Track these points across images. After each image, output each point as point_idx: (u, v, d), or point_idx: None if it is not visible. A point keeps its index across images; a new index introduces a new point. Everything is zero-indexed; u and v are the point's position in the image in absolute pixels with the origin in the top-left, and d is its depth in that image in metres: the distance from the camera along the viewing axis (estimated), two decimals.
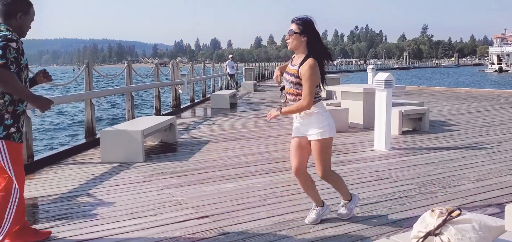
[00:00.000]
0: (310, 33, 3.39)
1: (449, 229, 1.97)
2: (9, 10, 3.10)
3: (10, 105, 3.06)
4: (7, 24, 3.10)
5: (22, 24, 3.17)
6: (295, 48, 3.44)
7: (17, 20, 3.13)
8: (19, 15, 3.13)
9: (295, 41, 3.40)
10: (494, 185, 4.77)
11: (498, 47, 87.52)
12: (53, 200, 4.51)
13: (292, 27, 3.40)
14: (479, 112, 11.24)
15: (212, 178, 5.25)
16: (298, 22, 3.39)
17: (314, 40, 3.41)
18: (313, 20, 3.42)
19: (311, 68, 3.33)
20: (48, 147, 11.75)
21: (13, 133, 3.09)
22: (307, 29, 3.37)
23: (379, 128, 6.82)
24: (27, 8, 3.18)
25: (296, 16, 3.44)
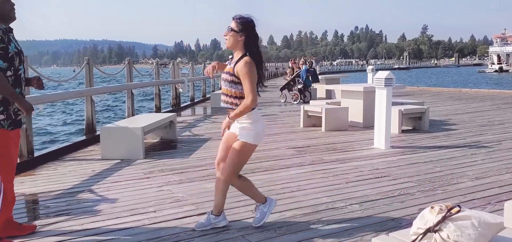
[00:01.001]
0: (248, 33, 3.29)
1: (449, 225, 1.98)
2: None
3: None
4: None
5: (1, 14, 3.05)
6: (232, 46, 3.34)
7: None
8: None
9: (232, 38, 3.30)
10: (493, 183, 4.78)
11: (498, 47, 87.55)
12: (54, 196, 4.52)
13: (231, 25, 3.31)
14: (479, 112, 11.25)
15: (212, 175, 5.25)
16: (238, 20, 3.29)
17: (252, 41, 3.30)
18: (254, 20, 3.33)
19: (248, 64, 3.24)
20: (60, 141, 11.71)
21: (2, 120, 3.04)
22: (245, 29, 3.28)
23: (379, 127, 6.83)
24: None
25: (238, 14, 3.34)
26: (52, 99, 7.81)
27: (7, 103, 3.06)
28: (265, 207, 3.60)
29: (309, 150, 6.74)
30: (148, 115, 8.33)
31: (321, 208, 4.01)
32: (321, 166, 5.64)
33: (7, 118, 3.07)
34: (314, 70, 15.64)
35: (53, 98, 7.71)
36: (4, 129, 3.05)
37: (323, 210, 3.97)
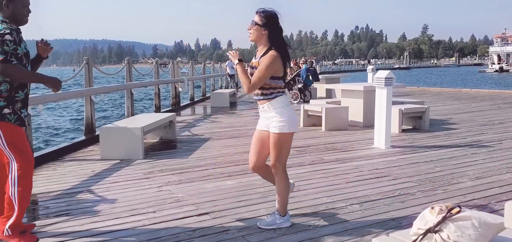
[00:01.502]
0: (272, 27, 3.32)
1: (449, 226, 1.97)
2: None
3: (6, 91, 3.11)
4: (2, 15, 3.10)
5: (14, 12, 3.12)
6: (256, 40, 3.38)
7: (6, 9, 3.10)
8: (5, 3, 3.09)
9: (256, 32, 3.34)
10: (494, 183, 4.77)
11: (499, 47, 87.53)
12: (53, 196, 4.51)
13: (255, 18, 3.33)
14: (479, 112, 11.25)
15: (212, 175, 5.26)
16: (262, 14, 3.31)
17: (276, 34, 3.34)
18: (278, 14, 3.36)
19: (272, 57, 3.29)
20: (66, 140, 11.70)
21: (7, 113, 3.11)
22: (269, 22, 3.31)
23: (379, 126, 6.82)
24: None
25: (261, 8, 3.35)
26: (52, 100, 7.80)
27: (12, 100, 3.14)
28: (280, 219, 3.53)
29: (309, 149, 6.73)
30: (148, 115, 8.32)
31: (321, 208, 4.01)
32: (321, 166, 5.63)
33: (13, 113, 3.14)
34: (314, 70, 15.64)
35: (53, 98, 7.71)
36: (11, 123, 3.13)
37: (323, 210, 3.96)
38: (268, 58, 3.30)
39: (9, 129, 3.12)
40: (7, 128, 3.12)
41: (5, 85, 3.10)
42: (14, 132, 3.15)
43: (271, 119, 3.42)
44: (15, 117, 3.15)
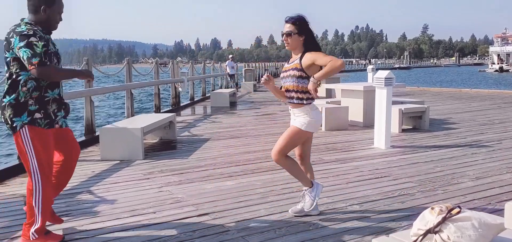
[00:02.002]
0: (307, 32, 3.52)
1: (449, 226, 1.97)
2: (34, 4, 3.12)
3: (35, 91, 3.10)
4: (35, 19, 3.13)
5: (49, 17, 3.16)
6: (293, 47, 3.56)
7: (42, 14, 3.13)
8: (43, 8, 3.13)
9: (295, 41, 3.51)
10: (494, 183, 4.77)
11: (499, 47, 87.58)
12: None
13: (291, 28, 3.49)
14: (479, 111, 11.25)
15: (212, 175, 5.25)
16: (295, 23, 3.48)
17: (311, 38, 3.53)
18: (306, 18, 3.54)
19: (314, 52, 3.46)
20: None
21: (38, 118, 3.11)
22: (303, 29, 3.51)
23: (379, 126, 6.82)
24: (51, 1, 3.15)
25: (289, 16, 3.53)
26: None
27: (43, 101, 3.14)
28: (312, 191, 3.74)
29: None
30: (148, 115, 8.32)
31: (321, 208, 4.00)
32: (321, 166, 5.63)
33: (44, 118, 3.14)
34: None
35: None
36: (41, 127, 3.13)
37: (323, 210, 3.95)
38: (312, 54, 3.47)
39: (38, 133, 3.12)
40: (37, 132, 3.11)
41: (31, 83, 3.07)
42: (42, 137, 3.14)
43: (296, 117, 3.65)
44: (46, 122, 3.16)
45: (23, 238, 3.27)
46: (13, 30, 3.03)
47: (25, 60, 2.97)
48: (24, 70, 3.04)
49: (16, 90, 3.06)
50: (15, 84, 3.06)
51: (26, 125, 3.07)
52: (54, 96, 3.20)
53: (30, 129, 3.08)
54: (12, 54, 3.03)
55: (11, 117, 3.08)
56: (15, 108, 3.06)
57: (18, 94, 3.06)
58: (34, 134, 3.09)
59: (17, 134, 3.09)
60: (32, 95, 3.09)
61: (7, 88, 3.09)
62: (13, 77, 3.07)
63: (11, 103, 3.07)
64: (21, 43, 2.96)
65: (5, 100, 3.09)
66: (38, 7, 3.11)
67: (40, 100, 3.12)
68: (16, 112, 3.07)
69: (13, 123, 3.08)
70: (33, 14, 3.13)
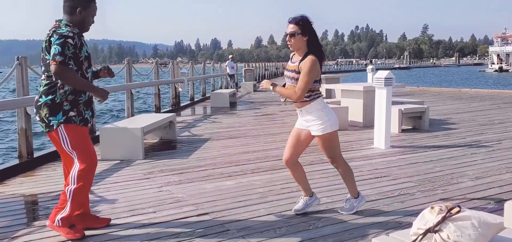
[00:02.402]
0: (310, 32, 3.52)
1: (449, 226, 1.97)
2: (71, 5, 3.26)
3: (70, 95, 3.26)
4: (70, 20, 3.26)
5: (84, 19, 3.30)
6: (297, 48, 3.56)
7: (78, 15, 3.26)
8: (79, 10, 3.26)
9: (298, 42, 3.52)
10: (493, 183, 4.77)
11: (498, 47, 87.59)
12: (53, 197, 4.51)
13: (294, 29, 3.49)
14: (479, 112, 11.25)
15: (212, 175, 5.26)
16: (299, 23, 3.49)
17: (314, 38, 3.54)
18: (310, 18, 3.55)
19: (313, 63, 3.46)
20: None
21: (73, 116, 3.28)
22: (307, 29, 3.51)
23: (379, 126, 6.82)
24: (87, 3, 3.29)
25: (292, 17, 3.54)
26: None
27: (76, 102, 3.29)
28: (356, 201, 3.84)
29: (309, 149, 6.70)
30: (148, 115, 8.32)
31: (321, 208, 4.01)
32: (321, 166, 5.63)
33: (78, 115, 3.31)
34: None
35: None
36: (76, 124, 3.30)
37: (323, 210, 3.96)
38: (308, 64, 3.45)
39: (74, 129, 3.28)
40: (73, 129, 3.27)
41: (68, 86, 3.23)
42: (78, 133, 3.31)
43: (310, 122, 3.61)
44: (80, 119, 3.32)
45: (49, 220, 3.47)
46: (54, 31, 3.17)
47: (51, 55, 3.07)
48: None
49: (54, 92, 3.22)
50: (53, 86, 3.21)
51: (62, 124, 3.24)
52: (86, 98, 3.37)
53: (66, 127, 3.25)
54: None
55: (47, 116, 3.23)
56: (51, 108, 3.22)
57: (55, 96, 3.22)
58: (70, 130, 3.27)
59: (55, 131, 3.25)
60: (68, 98, 3.26)
61: (45, 89, 3.23)
62: (52, 79, 3.20)
63: (47, 103, 3.22)
64: (58, 40, 3.09)
65: (41, 100, 3.24)
66: (74, 9, 3.25)
67: (74, 102, 3.29)
68: (51, 112, 3.22)
69: (49, 122, 3.24)
70: (68, 15, 3.27)
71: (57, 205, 3.46)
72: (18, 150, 6.00)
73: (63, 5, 3.29)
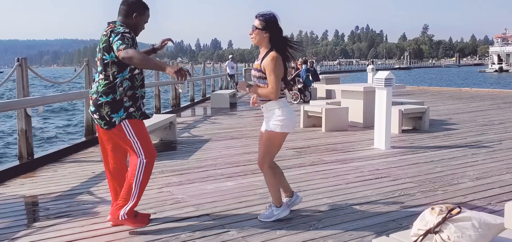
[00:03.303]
0: (272, 29, 3.47)
1: (449, 227, 1.98)
2: (128, 9, 3.45)
3: (129, 90, 3.42)
4: (125, 22, 3.44)
5: (137, 24, 3.48)
6: (258, 43, 3.56)
7: (133, 19, 3.45)
8: (135, 15, 3.45)
9: (258, 36, 3.51)
10: (494, 183, 4.77)
11: (499, 47, 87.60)
12: (54, 198, 4.51)
13: (255, 23, 3.49)
14: (479, 112, 11.24)
15: (212, 176, 5.26)
16: (261, 18, 3.48)
17: (277, 36, 3.50)
18: (276, 16, 3.52)
19: (274, 60, 3.44)
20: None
21: (133, 111, 3.45)
22: (269, 25, 3.46)
23: (379, 127, 6.82)
24: (143, 10, 3.50)
25: (259, 12, 3.52)
26: (52, 101, 7.81)
27: (135, 99, 3.46)
28: (277, 210, 3.69)
29: (309, 150, 6.73)
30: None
31: (321, 209, 4.01)
32: (321, 167, 5.63)
33: (137, 110, 3.47)
34: (314, 70, 15.62)
35: (53, 100, 7.71)
36: (137, 119, 3.47)
37: (323, 211, 3.96)
38: (270, 62, 3.44)
39: (137, 124, 3.46)
40: (135, 123, 3.45)
41: (126, 83, 3.39)
42: (140, 126, 3.49)
43: (268, 119, 3.59)
44: (139, 113, 3.49)
45: (111, 216, 3.56)
46: (111, 31, 3.33)
47: (115, 49, 3.22)
48: (121, 72, 3.36)
49: (114, 90, 3.36)
50: (113, 86, 3.36)
51: (125, 119, 3.40)
52: (141, 93, 3.54)
53: (130, 122, 3.43)
54: (111, 56, 3.32)
55: (109, 114, 3.38)
56: (112, 106, 3.37)
57: (115, 93, 3.37)
58: (133, 123, 3.43)
59: (118, 127, 3.40)
60: (127, 94, 3.41)
61: (104, 89, 3.37)
62: (110, 79, 3.36)
63: (108, 101, 3.37)
64: (117, 36, 3.26)
65: (102, 100, 3.38)
66: (130, 13, 3.45)
67: (133, 97, 3.45)
68: (113, 110, 3.38)
69: (111, 119, 3.39)
70: (124, 17, 3.45)
71: (117, 202, 3.56)
72: (18, 151, 6.01)
73: (120, 8, 3.47)
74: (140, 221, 3.54)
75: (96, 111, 3.40)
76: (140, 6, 3.49)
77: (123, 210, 3.47)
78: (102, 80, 3.38)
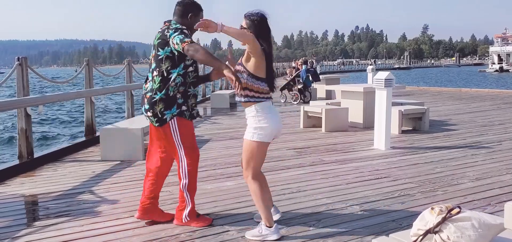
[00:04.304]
0: (258, 30, 3.27)
1: (449, 227, 1.98)
2: (184, 10, 3.54)
3: (181, 86, 3.48)
4: (180, 21, 3.51)
5: (192, 24, 3.49)
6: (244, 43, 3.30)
7: (188, 20, 3.52)
8: (190, 15, 3.53)
9: None
10: (493, 184, 4.77)
11: (499, 47, 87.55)
12: (54, 197, 4.51)
13: (242, 23, 3.33)
14: (479, 112, 11.24)
15: (212, 176, 5.26)
16: (248, 18, 3.31)
17: (262, 36, 3.27)
18: (264, 16, 3.32)
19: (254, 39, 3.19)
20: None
21: (185, 111, 3.52)
22: (255, 25, 3.27)
23: (379, 127, 6.82)
24: (197, 11, 3.59)
25: (248, 11, 3.35)
26: (52, 100, 7.81)
27: (187, 96, 3.53)
28: (266, 230, 3.33)
29: (309, 150, 6.73)
30: None
31: (321, 209, 4.01)
32: (321, 167, 5.64)
33: (188, 110, 3.55)
34: (314, 70, 15.63)
35: (53, 99, 7.72)
36: (186, 119, 3.54)
37: (323, 211, 3.96)
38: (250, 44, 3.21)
39: (184, 124, 3.53)
40: (183, 123, 3.52)
41: (179, 79, 3.45)
42: (188, 128, 3.56)
43: (248, 124, 3.36)
44: (189, 114, 3.56)
45: (176, 220, 3.67)
46: (167, 28, 3.44)
47: (179, 42, 3.28)
48: (174, 67, 3.42)
49: (167, 87, 3.43)
50: (166, 81, 3.43)
51: (175, 117, 3.47)
52: (193, 92, 3.61)
53: (178, 120, 3.49)
54: (166, 51, 3.40)
55: (162, 111, 3.45)
56: (165, 102, 3.45)
57: (168, 90, 3.44)
58: (181, 124, 3.50)
59: (167, 125, 3.47)
60: (179, 90, 3.48)
61: (159, 85, 3.45)
62: (164, 75, 3.43)
63: (162, 98, 3.44)
64: (175, 33, 3.35)
65: (156, 97, 3.45)
66: (185, 13, 3.53)
67: (185, 94, 3.52)
68: (166, 106, 3.45)
69: (163, 116, 3.46)
70: (179, 17, 3.54)
71: (179, 205, 3.67)
72: (18, 150, 6.01)
73: (175, 8, 3.57)
74: (203, 221, 3.64)
75: (150, 109, 3.48)
76: (195, 7, 3.59)
77: (185, 212, 3.60)
78: (156, 77, 3.46)
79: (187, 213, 3.59)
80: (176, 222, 3.66)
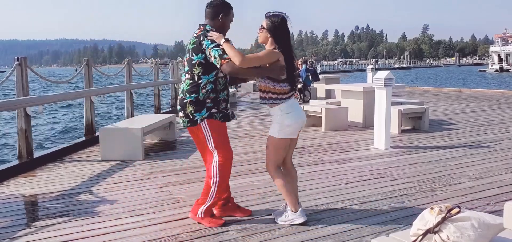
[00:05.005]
0: (277, 31, 3.48)
1: (448, 226, 1.98)
2: (214, 11, 3.60)
3: (212, 93, 3.55)
4: (213, 24, 3.59)
5: (224, 24, 3.62)
6: (263, 42, 3.58)
7: (219, 20, 3.60)
8: (221, 16, 3.60)
9: (263, 35, 3.54)
10: (493, 183, 4.77)
11: (499, 47, 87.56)
12: (53, 197, 4.51)
13: (263, 22, 3.52)
14: (479, 112, 11.24)
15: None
16: (269, 18, 3.50)
17: (281, 38, 3.49)
18: (285, 18, 3.50)
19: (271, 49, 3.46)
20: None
21: (215, 112, 3.59)
22: (275, 26, 3.47)
23: (378, 127, 6.82)
24: (228, 10, 3.66)
25: (270, 11, 3.53)
26: (52, 100, 7.81)
27: (217, 102, 3.59)
28: (292, 215, 3.59)
29: (309, 150, 6.73)
30: (148, 116, 8.33)
31: (320, 208, 4.01)
32: (321, 167, 5.64)
33: (219, 112, 3.61)
34: (314, 70, 15.62)
35: (53, 99, 7.71)
36: (217, 120, 3.59)
37: (322, 211, 3.96)
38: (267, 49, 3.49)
39: (216, 125, 3.58)
40: (214, 124, 3.57)
41: (210, 86, 3.53)
42: (220, 128, 3.62)
43: (272, 121, 3.62)
44: (220, 115, 3.62)
45: (191, 213, 3.75)
46: (203, 33, 3.49)
47: (217, 57, 3.38)
48: (206, 74, 3.50)
49: (197, 90, 3.52)
50: (197, 86, 3.52)
51: (205, 119, 3.54)
52: (224, 97, 3.65)
53: (209, 122, 3.56)
54: (199, 57, 3.47)
55: (192, 113, 3.54)
56: (196, 105, 3.53)
57: (198, 94, 3.52)
58: (212, 125, 3.56)
59: (198, 126, 3.56)
60: (210, 96, 3.55)
61: (189, 88, 3.54)
62: (195, 79, 3.52)
63: (193, 101, 3.53)
64: (212, 44, 3.42)
65: (187, 98, 3.55)
66: (216, 15, 3.60)
67: (215, 100, 3.58)
68: (197, 109, 3.53)
69: (194, 117, 3.54)
70: (211, 20, 3.61)
71: (198, 199, 3.74)
72: (18, 150, 6.00)
73: (206, 11, 3.63)
74: (215, 221, 3.64)
75: (182, 110, 3.58)
76: (225, 6, 3.64)
77: (202, 208, 3.64)
78: (187, 80, 3.56)
79: (204, 209, 3.64)
80: (190, 215, 3.74)
